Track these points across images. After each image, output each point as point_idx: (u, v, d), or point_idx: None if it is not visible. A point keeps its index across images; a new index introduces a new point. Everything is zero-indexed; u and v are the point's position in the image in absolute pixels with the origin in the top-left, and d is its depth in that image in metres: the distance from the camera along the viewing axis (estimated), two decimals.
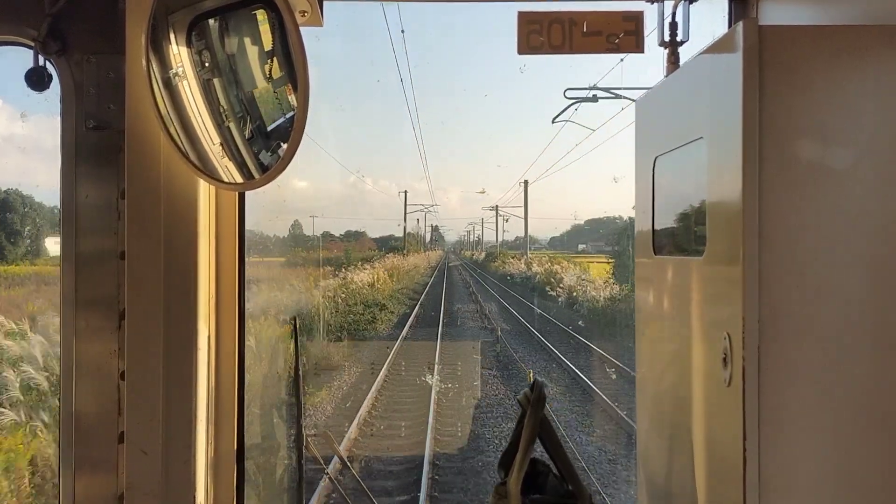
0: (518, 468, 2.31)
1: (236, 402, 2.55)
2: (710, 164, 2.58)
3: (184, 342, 2.39)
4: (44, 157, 17.43)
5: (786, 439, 2.30)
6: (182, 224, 2.39)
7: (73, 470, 2.43)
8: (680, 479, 2.90)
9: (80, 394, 2.44)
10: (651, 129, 3.34)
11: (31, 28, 2.41)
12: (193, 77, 2.23)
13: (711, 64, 2.63)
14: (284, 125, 2.19)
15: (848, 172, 2.35)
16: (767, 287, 2.30)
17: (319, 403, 18.26)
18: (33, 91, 2.43)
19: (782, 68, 2.30)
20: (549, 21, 3.24)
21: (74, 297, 2.44)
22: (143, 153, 2.36)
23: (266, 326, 15.29)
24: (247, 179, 2.27)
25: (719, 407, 2.50)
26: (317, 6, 2.55)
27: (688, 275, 2.85)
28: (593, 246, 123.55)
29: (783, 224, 2.31)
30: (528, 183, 67.97)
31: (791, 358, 2.31)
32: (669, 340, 3.10)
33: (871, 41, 2.36)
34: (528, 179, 72.54)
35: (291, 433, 3.54)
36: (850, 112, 2.35)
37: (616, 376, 20.87)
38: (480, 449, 15.13)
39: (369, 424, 16.97)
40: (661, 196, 3.20)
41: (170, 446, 2.37)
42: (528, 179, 72.54)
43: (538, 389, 2.38)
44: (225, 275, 2.54)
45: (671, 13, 3.35)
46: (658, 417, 3.23)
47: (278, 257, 31.07)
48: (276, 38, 2.14)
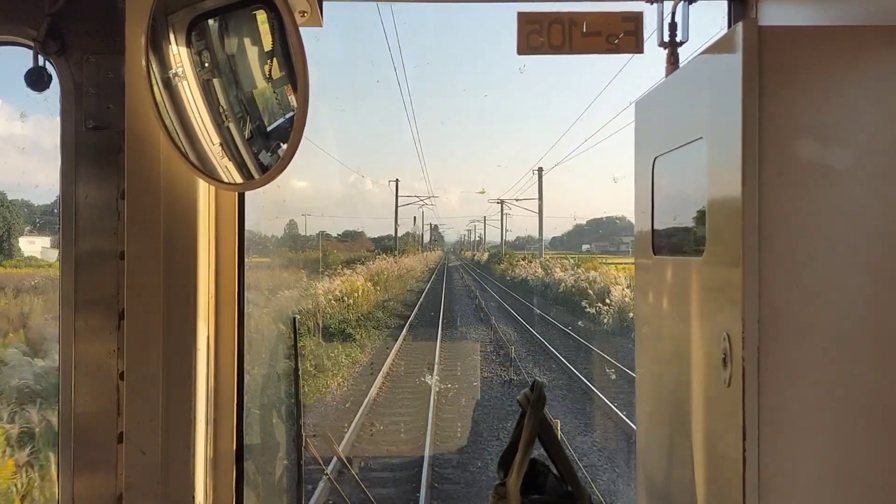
0: (517, 468, 2.31)
1: (235, 403, 2.55)
2: (710, 165, 2.58)
3: (183, 342, 2.39)
4: (43, 158, 17.41)
5: (785, 439, 2.30)
6: (182, 224, 2.39)
7: (72, 470, 2.43)
8: (679, 480, 2.89)
9: (79, 394, 2.43)
10: (651, 130, 3.34)
11: (31, 28, 2.41)
12: (193, 77, 2.23)
13: (711, 64, 2.63)
14: (284, 125, 2.19)
15: (848, 172, 2.35)
16: (767, 287, 2.30)
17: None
18: (33, 91, 2.43)
19: (782, 69, 2.30)
20: (549, 21, 3.24)
21: (74, 297, 2.44)
22: (143, 153, 2.36)
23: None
24: (246, 179, 2.27)
25: (719, 407, 2.50)
26: (316, 6, 2.55)
27: (687, 275, 2.85)
28: (597, 246, 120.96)
29: (783, 224, 2.31)
30: (542, 171, 60.93)
31: (791, 358, 2.31)
32: (669, 341, 3.09)
33: (870, 42, 2.36)
34: (533, 172, 64.32)
35: (291, 433, 3.53)
36: (849, 112, 2.35)
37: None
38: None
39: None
40: (660, 196, 3.20)
41: (169, 446, 2.37)
42: (533, 172, 64.32)
43: (538, 390, 2.39)
44: (224, 275, 2.54)
45: (671, 14, 3.35)
46: (658, 417, 3.22)
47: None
48: (276, 38, 2.14)
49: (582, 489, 2.40)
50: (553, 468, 2.45)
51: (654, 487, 3.26)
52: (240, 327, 2.57)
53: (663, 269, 3.17)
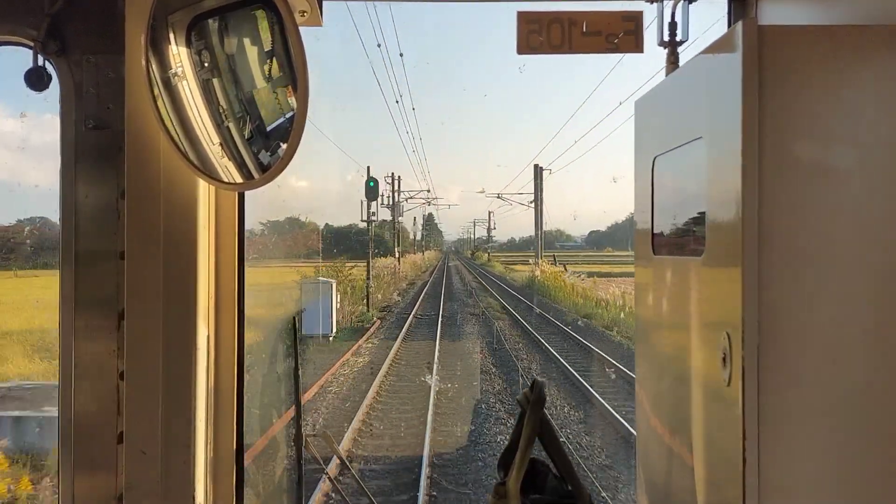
0: (517, 468, 2.31)
1: (235, 403, 2.55)
2: (710, 165, 2.58)
3: (183, 342, 2.39)
4: (43, 158, 17.42)
5: (785, 439, 2.30)
6: (182, 224, 2.39)
7: (72, 470, 2.43)
8: (679, 479, 2.90)
9: (79, 394, 2.44)
10: (650, 130, 3.34)
11: (31, 28, 2.41)
12: (193, 77, 2.24)
13: (711, 64, 2.63)
14: (284, 125, 2.19)
15: (848, 172, 2.35)
16: (767, 287, 2.29)
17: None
18: (33, 91, 2.43)
19: (782, 68, 2.30)
20: (549, 21, 3.24)
21: (74, 297, 2.44)
22: (143, 153, 2.36)
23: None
24: (246, 179, 2.28)
25: (718, 407, 2.50)
26: (316, 6, 2.55)
27: (687, 275, 2.85)
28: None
29: (783, 224, 2.31)
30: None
31: (791, 358, 2.31)
32: (669, 340, 3.10)
33: (871, 41, 2.36)
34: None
35: (290, 433, 3.53)
36: (850, 112, 2.35)
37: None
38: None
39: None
40: (660, 196, 3.20)
41: (169, 446, 2.37)
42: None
43: (538, 389, 2.39)
44: (224, 275, 2.54)
45: (671, 13, 3.35)
46: (657, 417, 3.23)
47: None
48: (276, 38, 2.14)
49: (582, 489, 2.40)
50: (553, 468, 2.45)
51: (654, 487, 3.26)
52: (240, 327, 2.57)
53: (663, 270, 3.17)
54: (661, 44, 3.37)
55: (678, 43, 3.35)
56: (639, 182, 3.39)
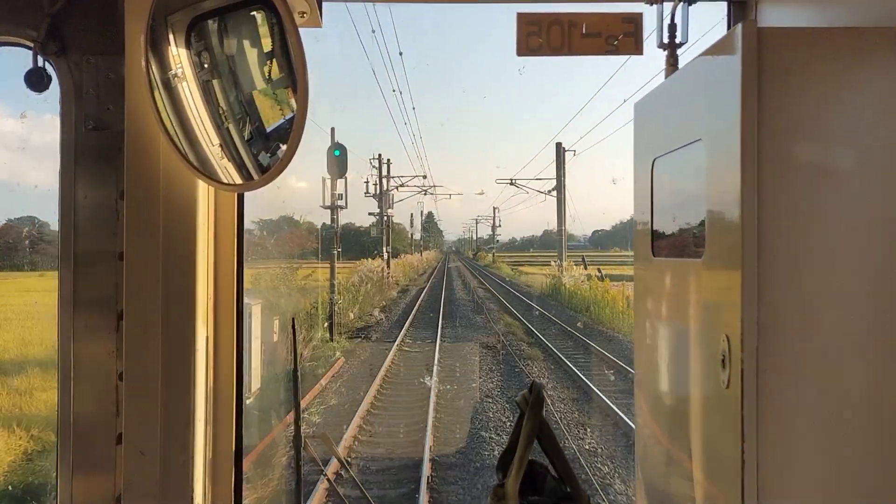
0: (516, 469, 2.30)
1: (234, 403, 2.55)
2: (709, 167, 2.58)
3: (182, 343, 2.39)
4: (43, 158, 17.41)
5: (784, 441, 2.30)
6: (181, 225, 2.39)
7: (70, 471, 2.43)
8: (678, 481, 2.90)
9: (77, 394, 2.43)
10: (650, 131, 3.34)
11: (31, 28, 2.41)
12: (193, 78, 2.24)
13: (710, 66, 2.63)
14: (284, 126, 2.19)
15: (847, 174, 2.36)
16: (766, 289, 2.30)
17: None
18: (33, 92, 2.42)
19: (781, 70, 2.31)
20: (549, 22, 3.24)
21: (72, 298, 2.44)
22: (143, 154, 2.36)
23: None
24: (246, 180, 2.27)
25: (718, 409, 2.50)
26: (316, 7, 2.55)
27: (686, 277, 2.85)
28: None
29: (782, 226, 2.31)
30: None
31: (790, 359, 2.31)
32: (668, 342, 3.10)
33: (870, 43, 2.36)
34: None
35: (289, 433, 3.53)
36: (849, 114, 2.35)
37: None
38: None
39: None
40: (659, 198, 3.20)
41: (168, 447, 2.37)
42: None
43: (536, 391, 2.38)
44: (223, 276, 2.54)
45: (670, 15, 3.35)
46: (657, 419, 3.22)
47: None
48: (276, 39, 2.14)
49: (581, 491, 2.40)
50: (552, 469, 2.45)
51: (654, 489, 3.26)
52: (239, 327, 2.56)
53: (662, 271, 3.17)
54: (661, 46, 3.37)
55: (678, 45, 3.35)
56: (638, 184, 3.39)
